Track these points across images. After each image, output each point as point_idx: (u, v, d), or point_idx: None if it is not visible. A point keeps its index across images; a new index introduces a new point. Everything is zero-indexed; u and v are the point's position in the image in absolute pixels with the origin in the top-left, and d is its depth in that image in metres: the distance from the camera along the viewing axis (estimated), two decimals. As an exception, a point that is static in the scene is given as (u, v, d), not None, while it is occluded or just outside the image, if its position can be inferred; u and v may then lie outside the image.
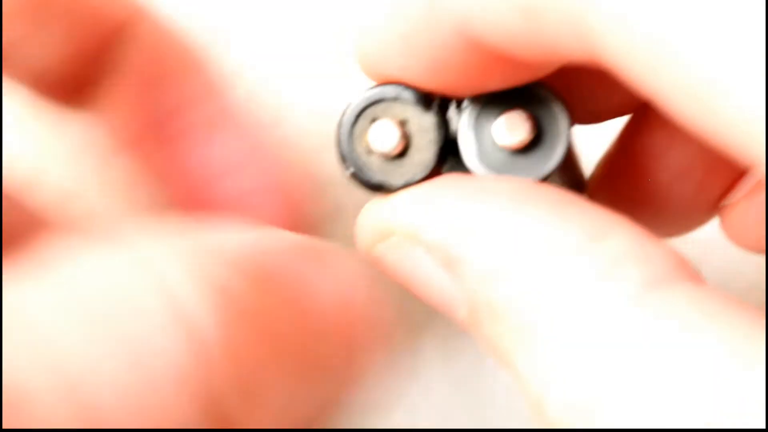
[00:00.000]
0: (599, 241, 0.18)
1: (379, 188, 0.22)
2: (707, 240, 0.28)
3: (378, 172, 0.22)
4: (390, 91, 0.22)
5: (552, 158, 0.22)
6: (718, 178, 0.24)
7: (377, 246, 0.21)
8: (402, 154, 0.22)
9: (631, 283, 0.18)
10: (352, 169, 0.22)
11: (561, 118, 0.22)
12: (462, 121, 0.22)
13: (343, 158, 0.22)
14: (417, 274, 0.21)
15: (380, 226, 0.21)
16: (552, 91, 0.22)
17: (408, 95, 0.22)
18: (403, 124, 0.22)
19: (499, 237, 0.19)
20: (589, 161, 0.25)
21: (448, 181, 0.21)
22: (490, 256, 0.19)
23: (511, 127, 0.21)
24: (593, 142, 0.25)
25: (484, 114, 0.22)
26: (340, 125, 0.22)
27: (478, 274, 0.19)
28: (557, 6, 0.17)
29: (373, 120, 0.22)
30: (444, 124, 0.22)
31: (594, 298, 0.18)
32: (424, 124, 0.22)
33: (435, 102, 0.22)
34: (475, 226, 0.19)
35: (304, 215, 0.28)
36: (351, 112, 0.22)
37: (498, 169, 0.22)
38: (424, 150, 0.22)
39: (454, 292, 0.20)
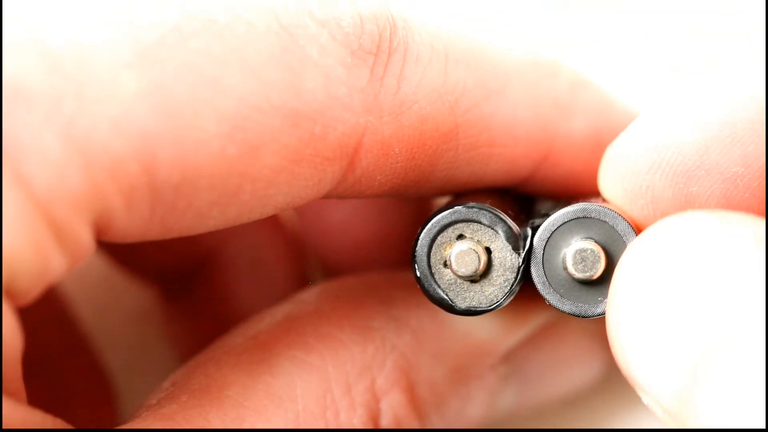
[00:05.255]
0: None
1: (439, 303, 0.21)
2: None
3: (445, 287, 0.21)
4: (486, 217, 0.21)
5: None
6: None
7: None
8: (475, 279, 0.21)
9: None
10: (418, 273, 0.21)
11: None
12: (534, 249, 0.21)
13: (414, 259, 0.21)
14: None
15: None
16: (630, 224, 0.21)
17: (502, 229, 0.21)
18: (487, 251, 0.21)
19: None
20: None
21: None
22: None
23: (585, 263, 0.21)
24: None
25: (555, 242, 0.21)
26: (423, 229, 0.21)
27: None
28: None
29: (460, 236, 0.21)
30: (526, 270, 0.21)
31: None
32: (507, 263, 0.21)
33: (524, 243, 0.21)
34: None
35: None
36: (439, 221, 0.21)
37: (568, 296, 0.21)
38: (497, 287, 0.21)
39: None
